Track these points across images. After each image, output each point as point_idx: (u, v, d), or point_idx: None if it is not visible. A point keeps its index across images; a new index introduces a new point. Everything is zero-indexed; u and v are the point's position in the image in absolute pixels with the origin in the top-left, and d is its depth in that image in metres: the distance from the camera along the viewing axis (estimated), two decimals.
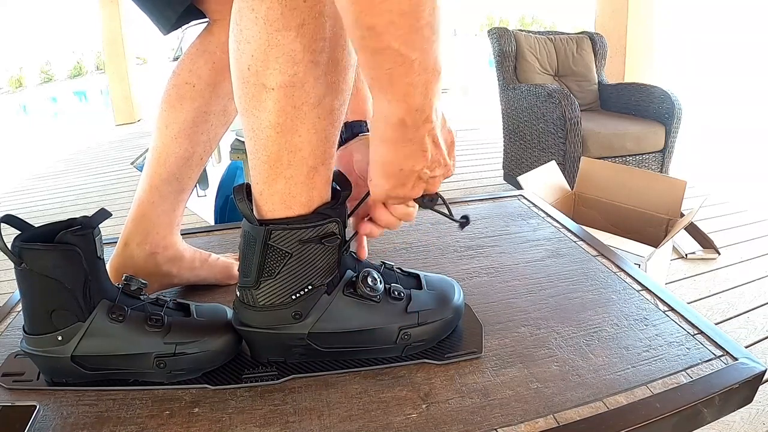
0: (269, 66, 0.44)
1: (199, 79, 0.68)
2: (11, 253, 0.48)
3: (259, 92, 0.46)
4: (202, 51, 0.68)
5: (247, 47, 0.45)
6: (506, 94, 3.00)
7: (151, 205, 0.67)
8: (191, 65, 0.68)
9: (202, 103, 0.68)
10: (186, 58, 0.69)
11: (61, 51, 18.22)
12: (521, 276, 0.73)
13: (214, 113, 0.69)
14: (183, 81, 0.68)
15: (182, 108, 0.67)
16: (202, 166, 0.72)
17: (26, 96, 13.85)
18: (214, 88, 0.68)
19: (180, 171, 0.68)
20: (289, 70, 0.44)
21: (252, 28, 0.44)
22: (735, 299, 1.86)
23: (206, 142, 0.70)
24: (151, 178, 0.68)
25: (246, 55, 0.45)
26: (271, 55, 0.44)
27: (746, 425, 1.29)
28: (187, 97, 0.67)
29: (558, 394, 0.50)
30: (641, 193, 1.68)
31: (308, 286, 0.52)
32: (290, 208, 0.50)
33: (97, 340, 0.51)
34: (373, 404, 0.50)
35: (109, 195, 3.59)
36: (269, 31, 0.43)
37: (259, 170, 0.50)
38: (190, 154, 0.68)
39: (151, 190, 0.68)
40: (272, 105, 0.46)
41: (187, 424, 0.49)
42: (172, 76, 0.69)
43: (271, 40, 0.43)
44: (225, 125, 0.72)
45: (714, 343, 0.57)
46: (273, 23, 0.43)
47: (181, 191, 0.70)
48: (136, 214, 0.68)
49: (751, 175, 3.35)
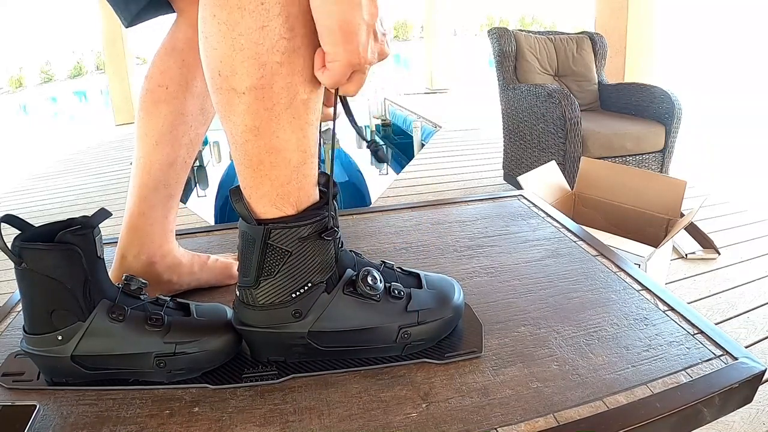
0: (237, 70, 0.45)
1: (171, 80, 0.66)
2: (11, 253, 0.48)
3: (231, 97, 0.46)
4: (171, 50, 0.67)
5: (215, 53, 0.45)
6: (506, 94, 3.00)
7: (142, 216, 0.67)
8: (162, 66, 0.67)
9: (178, 105, 0.67)
10: (156, 59, 0.67)
11: (61, 51, 18.23)
12: (521, 276, 0.73)
13: (192, 114, 0.68)
14: (156, 84, 0.67)
15: (159, 113, 0.66)
16: (188, 169, 0.71)
17: (26, 96, 13.85)
18: (187, 88, 0.67)
19: (166, 177, 0.67)
20: (255, 72, 0.45)
21: (216, 35, 0.44)
22: (735, 299, 1.86)
23: (188, 144, 0.69)
24: (138, 189, 0.67)
25: (215, 62, 0.45)
26: (237, 60, 0.44)
27: (746, 425, 1.29)
28: (161, 100, 0.66)
29: (558, 394, 0.50)
30: (641, 193, 1.68)
31: (308, 283, 0.52)
32: (281, 209, 0.50)
33: (97, 340, 0.51)
34: (373, 404, 0.50)
35: (109, 195, 3.59)
36: (233, 36, 0.43)
37: (244, 175, 0.50)
38: (173, 159, 0.67)
39: (140, 201, 0.67)
40: (245, 108, 0.46)
41: (187, 424, 0.49)
42: (144, 81, 0.67)
43: (236, 44, 0.44)
44: (205, 124, 0.71)
45: (714, 343, 0.57)
46: (235, 27, 0.43)
47: (170, 197, 0.69)
48: (128, 227, 0.67)
49: (751, 175, 3.35)
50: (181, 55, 0.66)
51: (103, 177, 4.14)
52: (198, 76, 0.67)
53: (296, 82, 0.46)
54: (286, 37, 0.44)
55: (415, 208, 1.02)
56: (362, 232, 0.91)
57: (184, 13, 0.67)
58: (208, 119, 0.71)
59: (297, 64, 0.46)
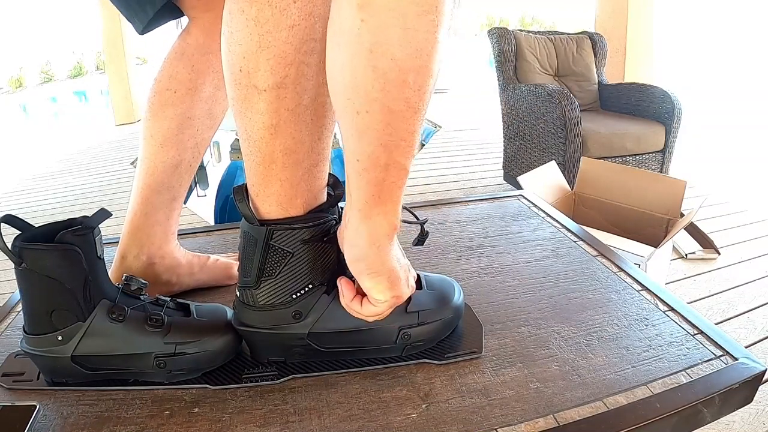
0: (260, 67, 0.44)
1: (179, 84, 0.66)
2: (11, 253, 0.48)
3: (251, 94, 0.45)
4: (180, 54, 0.67)
5: (239, 49, 0.44)
6: (506, 94, 3.00)
7: (144, 216, 0.67)
8: (171, 70, 0.67)
9: (185, 108, 0.67)
10: (165, 63, 0.68)
11: (61, 51, 18.20)
12: (521, 276, 0.73)
13: (199, 117, 0.68)
14: (164, 88, 0.67)
15: (165, 116, 0.66)
16: (193, 173, 0.71)
17: (26, 96, 13.83)
18: (195, 93, 0.67)
19: (170, 180, 0.68)
20: (280, 71, 0.44)
21: (243, 30, 0.44)
22: (735, 299, 1.86)
23: (194, 147, 0.69)
24: (141, 190, 0.67)
25: (237, 57, 0.45)
26: (262, 57, 0.44)
27: (746, 425, 1.29)
28: (169, 104, 0.66)
29: (558, 394, 0.50)
30: (641, 193, 1.68)
31: (308, 285, 0.52)
32: (287, 210, 0.50)
33: (97, 340, 0.51)
34: (373, 404, 0.50)
35: (109, 195, 3.59)
36: (260, 33, 0.43)
37: (254, 172, 0.50)
38: (178, 162, 0.68)
39: (142, 201, 0.67)
40: (265, 106, 0.46)
41: (187, 424, 0.49)
42: (153, 84, 0.68)
43: (262, 41, 0.43)
44: (212, 128, 0.71)
45: (714, 343, 0.57)
46: (264, 25, 0.43)
47: (173, 200, 0.69)
48: (130, 227, 0.67)
49: (751, 175, 3.35)
50: (190, 60, 0.67)
51: (103, 177, 4.13)
52: (207, 81, 0.67)
53: (320, 84, 0.46)
54: (315, 38, 0.44)
55: (415, 208, 1.01)
56: None
57: (197, 20, 0.67)
58: (215, 124, 0.71)
59: (321, 66, 0.45)
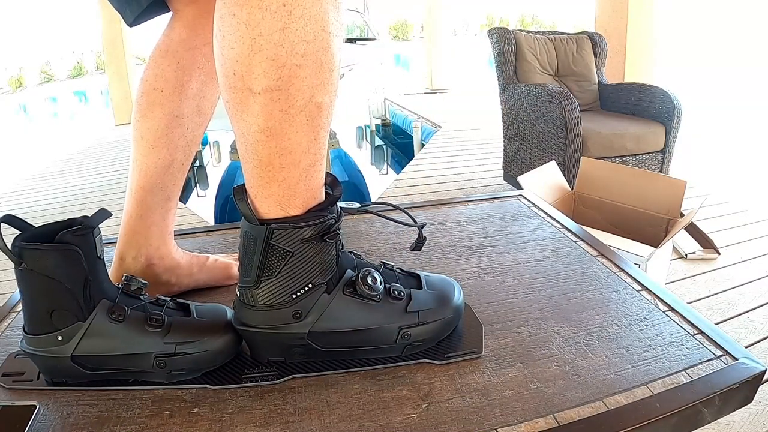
0: (254, 71, 0.44)
1: (166, 82, 0.66)
2: (11, 253, 0.48)
3: (246, 97, 0.46)
4: (165, 51, 0.66)
5: (231, 53, 0.44)
6: (506, 94, 3.00)
7: (139, 219, 0.66)
8: (156, 69, 0.66)
9: (173, 107, 0.66)
10: (151, 61, 0.67)
11: (61, 51, 18.21)
12: (521, 276, 0.73)
13: (188, 116, 0.67)
14: (150, 87, 0.66)
15: (154, 115, 0.66)
16: (185, 171, 0.70)
17: (26, 96, 13.84)
18: (182, 90, 0.66)
19: (163, 180, 0.67)
20: (273, 74, 0.44)
21: (234, 34, 0.44)
22: (735, 299, 1.86)
23: (185, 146, 0.68)
24: (135, 192, 0.67)
25: (231, 61, 0.45)
26: (255, 60, 0.44)
27: (746, 425, 1.29)
28: (156, 103, 0.66)
29: (558, 394, 0.50)
30: (641, 193, 1.68)
31: (308, 284, 0.52)
32: (286, 210, 0.50)
33: (97, 340, 0.51)
34: (373, 404, 0.50)
35: (109, 195, 3.59)
36: (252, 36, 0.43)
37: (251, 174, 0.50)
38: (170, 162, 0.67)
39: (137, 204, 0.66)
40: (259, 109, 0.46)
41: (187, 424, 0.49)
42: (140, 84, 0.67)
43: (254, 44, 0.43)
44: (201, 125, 0.70)
45: (714, 343, 0.57)
46: (255, 28, 0.43)
47: (167, 200, 0.68)
48: (126, 230, 0.67)
49: (751, 175, 3.35)
50: (175, 57, 0.66)
51: (103, 177, 4.13)
52: (193, 77, 0.67)
53: (313, 85, 0.46)
54: (306, 40, 0.44)
55: (415, 208, 1.01)
56: (362, 232, 0.91)
57: (179, 13, 0.67)
58: (204, 120, 0.70)
59: (315, 67, 0.46)
